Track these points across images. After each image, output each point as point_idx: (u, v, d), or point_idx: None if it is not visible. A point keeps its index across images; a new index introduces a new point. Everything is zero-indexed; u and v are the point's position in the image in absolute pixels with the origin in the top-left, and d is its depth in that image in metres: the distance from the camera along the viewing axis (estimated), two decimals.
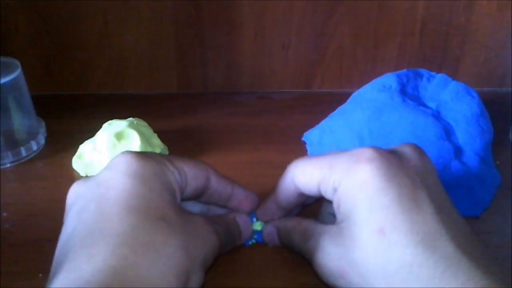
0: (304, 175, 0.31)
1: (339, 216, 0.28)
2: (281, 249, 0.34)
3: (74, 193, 0.29)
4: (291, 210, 0.34)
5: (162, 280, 0.24)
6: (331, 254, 0.28)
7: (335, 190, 0.29)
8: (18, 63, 0.44)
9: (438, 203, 0.27)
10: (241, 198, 0.33)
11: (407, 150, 0.29)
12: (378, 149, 0.28)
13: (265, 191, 0.36)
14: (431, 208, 0.26)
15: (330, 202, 0.30)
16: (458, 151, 0.40)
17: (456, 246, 0.25)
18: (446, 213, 0.27)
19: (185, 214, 0.28)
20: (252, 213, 0.36)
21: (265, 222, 0.35)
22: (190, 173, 0.30)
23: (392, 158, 0.28)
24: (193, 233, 0.28)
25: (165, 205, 0.27)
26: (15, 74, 0.43)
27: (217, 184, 0.32)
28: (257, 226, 0.35)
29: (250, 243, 0.35)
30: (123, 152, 0.29)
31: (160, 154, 0.30)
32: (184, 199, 0.31)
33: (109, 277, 0.23)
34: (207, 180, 0.31)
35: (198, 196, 0.32)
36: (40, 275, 0.32)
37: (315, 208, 0.35)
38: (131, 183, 0.27)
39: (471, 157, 0.39)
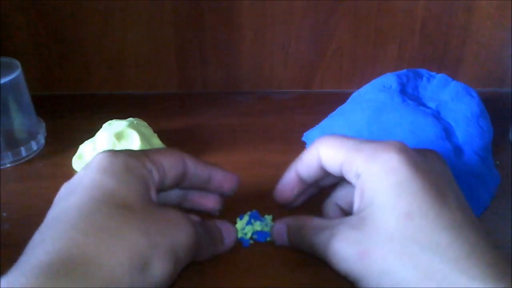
0: (330, 153, 0.31)
1: (361, 204, 0.28)
2: (281, 249, 0.34)
3: (59, 193, 0.30)
4: (309, 186, 0.34)
5: (114, 262, 0.24)
6: (350, 238, 0.28)
7: (357, 176, 0.29)
8: (18, 63, 0.44)
9: (459, 201, 0.28)
10: (220, 179, 0.34)
11: (429, 155, 0.30)
12: (405, 144, 0.29)
13: (265, 191, 0.36)
14: (454, 200, 0.27)
15: (341, 193, 0.32)
16: (458, 151, 0.40)
17: (478, 235, 0.26)
18: (467, 209, 0.28)
19: (156, 205, 0.29)
20: (251, 214, 0.36)
21: (273, 222, 0.35)
22: (167, 164, 0.31)
23: (417, 155, 0.29)
24: (159, 220, 0.27)
25: (130, 195, 0.27)
26: (15, 74, 0.43)
27: (195, 169, 0.32)
28: (257, 226, 0.35)
29: (248, 244, 0.35)
30: (99, 152, 0.30)
31: (138, 151, 0.31)
32: (165, 189, 0.32)
33: (56, 258, 0.23)
34: (185, 167, 0.32)
35: (178, 183, 0.32)
36: None
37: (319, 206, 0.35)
38: (99, 177, 0.27)
39: (471, 157, 0.39)
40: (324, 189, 0.36)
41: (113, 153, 0.29)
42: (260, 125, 0.51)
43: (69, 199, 0.27)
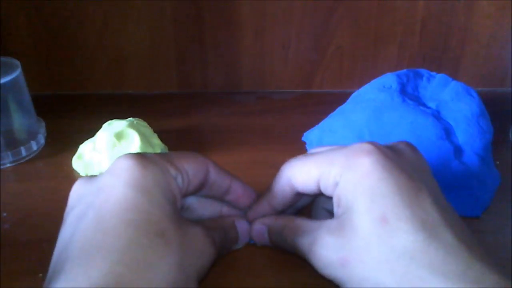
0: (302, 174, 0.31)
1: (339, 210, 0.29)
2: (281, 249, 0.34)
3: (76, 193, 0.29)
4: (284, 211, 0.34)
5: None
6: (330, 245, 0.28)
7: (336, 184, 0.29)
8: (18, 63, 0.44)
9: (434, 196, 0.27)
10: (239, 193, 0.33)
11: (402, 147, 0.30)
12: (375, 143, 0.29)
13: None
14: (429, 198, 0.27)
15: (325, 197, 0.31)
16: (458, 151, 0.40)
17: (454, 234, 0.25)
18: (442, 205, 0.27)
19: (184, 226, 0.28)
20: None
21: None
22: (191, 171, 0.30)
23: (389, 152, 0.29)
24: (190, 248, 0.27)
25: (164, 219, 0.27)
26: (15, 74, 0.43)
27: (216, 177, 0.32)
28: None
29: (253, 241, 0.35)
30: (125, 156, 0.28)
31: (161, 155, 0.30)
32: (186, 195, 0.31)
33: None
34: (207, 174, 0.31)
35: (198, 190, 0.32)
36: (40, 275, 0.32)
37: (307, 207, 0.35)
38: (131, 194, 0.26)
39: (471, 157, 0.39)
40: None
41: (143, 162, 0.28)
42: (260, 125, 0.51)
43: (103, 216, 0.26)
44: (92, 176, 0.30)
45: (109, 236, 0.25)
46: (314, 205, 0.34)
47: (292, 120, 0.52)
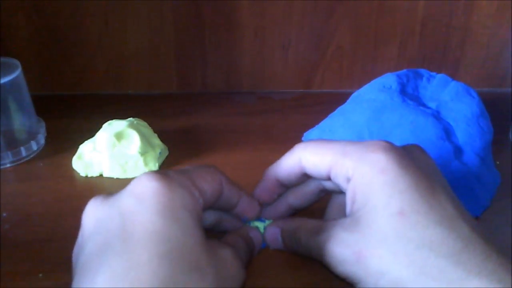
0: (314, 156, 0.31)
1: (354, 206, 0.29)
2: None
3: (93, 216, 0.27)
4: (289, 186, 0.34)
5: None
6: (346, 241, 0.28)
7: (348, 179, 0.29)
8: (18, 63, 0.44)
9: (448, 193, 0.28)
10: (246, 206, 0.33)
11: (412, 148, 0.31)
12: (390, 142, 0.29)
13: None
14: (444, 194, 0.27)
15: (337, 199, 0.31)
16: (458, 151, 0.40)
17: (471, 228, 0.26)
18: (456, 201, 0.28)
19: (214, 250, 0.27)
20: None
21: (268, 219, 0.34)
22: (209, 190, 0.29)
23: (404, 150, 0.29)
24: (223, 276, 0.26)
25: (197, 248, 0.25)
26: (15, 74, 0.43)
27: (227, 193, 0.31)
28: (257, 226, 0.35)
29: None
30: (148, 177, 0.26)
31: (182, 174, 0.28)
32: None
33: None
34: (221, 190, 0.31)
35: (211, 206, 0.31)
36: (40, 275, 0.32)
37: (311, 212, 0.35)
38: (161, 223, 0.25)
39: (471, 157, 0.39)
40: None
41: (168, 185, 0.26)
42: (260, 125, 0.51)
43: (133, 251, 0.24)
44: (109, 196, 0.28)
45: (143, 272, 0.23)
46: (328, 209, 0.34)
47: (292, 120, 0.52)
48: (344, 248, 0.28)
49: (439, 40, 0.55)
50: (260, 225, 0.35)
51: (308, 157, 0.31)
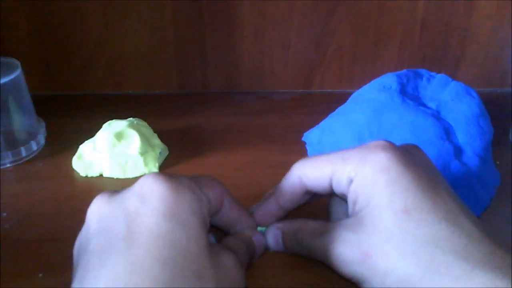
0: (313, 171, 0.31)
1: (356, 207, 0.29)
2: None
3: (98, 214, 0.27)
4: (291, 210, 0.34)
5: None
6: (351, 241, 0.28)
7: (350, 181, 0.29)
8: (18, 63, 0.44)
9: (449, 190, 0.28)
10: (243, 226, 0.33)
11: (411, 148, 0.31)
12: (389, 141, 0.29)
13: (265, 192, 0.36)
14: (445, 191, 0.28)
15: (341, 201, 0.31)
16: (458, 151, 0.40)
17: (474, 224, 0.26)
18: (457, 198, 0.28)
19: (216, 255, 0.27)
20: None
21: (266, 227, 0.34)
22: (214, 199, 0.29)
23: (403, 150, 0.29)
24: (225, 282, 0.26)
25: (200, 255, 0.25)
26: (15, 74, 0.43)
27: (227, 210, 0.31)
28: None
29: None
30: (155, 178, 0.26)
31: (188, 178, 0.28)
32: None
33: None
34: (221, 205, 0.30)
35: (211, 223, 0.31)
36: (40, 275, 0.32)
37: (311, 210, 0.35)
38: (166, 227, 0.24)
39: (471, 157, 0.39)
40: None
41: (176, 187, 0.26)
42: (260, 125, 0.51)
43: (136, 254, 0.24)
44: (115, 194, 0.27)
45: (145, 279, 0.23)
46: (332, 212, 0.34)
47: (292, 120, 0.52)
48: (350, 248, 0.28)
49: (439, 40, 0.55)
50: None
51: (308, 173, 0.31)
